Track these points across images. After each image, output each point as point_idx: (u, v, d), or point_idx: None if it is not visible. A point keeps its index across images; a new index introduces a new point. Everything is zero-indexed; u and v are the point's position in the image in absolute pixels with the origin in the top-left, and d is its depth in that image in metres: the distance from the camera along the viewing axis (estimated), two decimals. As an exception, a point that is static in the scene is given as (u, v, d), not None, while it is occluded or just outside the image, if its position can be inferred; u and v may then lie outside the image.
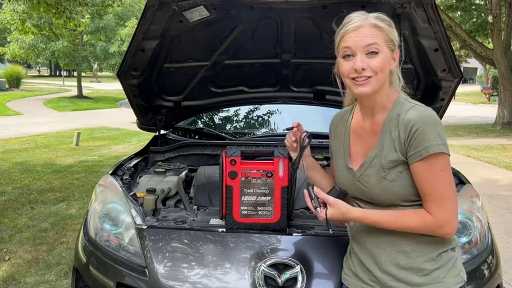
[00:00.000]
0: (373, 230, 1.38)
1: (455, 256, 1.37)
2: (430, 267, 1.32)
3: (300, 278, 1.60)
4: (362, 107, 1.44)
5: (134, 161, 2.62)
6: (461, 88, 29.25)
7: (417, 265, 1.32)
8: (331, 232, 1.37)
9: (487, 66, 25.62)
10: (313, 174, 1.61)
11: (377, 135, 1.37)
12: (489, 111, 17.40)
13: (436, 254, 1.33)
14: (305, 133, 1.52)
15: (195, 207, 2.13)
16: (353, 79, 1.33)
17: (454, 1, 13.55)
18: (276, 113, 3.61)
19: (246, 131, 3.57)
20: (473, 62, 33.71)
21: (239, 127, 3.70)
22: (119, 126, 12.55)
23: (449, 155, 1.28)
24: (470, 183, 2.21)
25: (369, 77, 1.31)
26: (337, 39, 1.38)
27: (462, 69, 2.38)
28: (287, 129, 1.57)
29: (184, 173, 2.50)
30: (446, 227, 1.28)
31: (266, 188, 1.77)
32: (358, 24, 1.32)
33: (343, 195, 1.38)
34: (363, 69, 1.30)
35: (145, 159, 2.76)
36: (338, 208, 1.34)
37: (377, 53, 1.30)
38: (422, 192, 1.30)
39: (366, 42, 1.30)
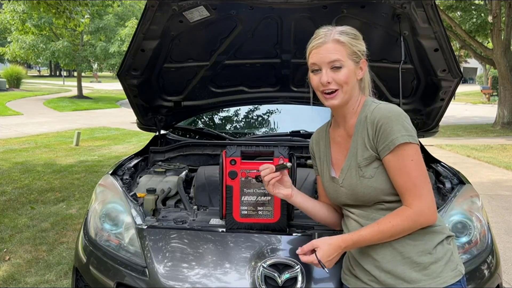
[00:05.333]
0: None
1: (451, 249, 1.39)
2: (426, 261, 1.34)
3: (300, 278, 1.60)
4: (336, 115, 1.52)
5: (134, 161, 2.62)
6: (461, 88, 29.27)
7: (413, 258, 1.34)
8: (327, 271, 1.39)
9: (487, 66, 25.63)
10: (305, 207, 1.61)
11: (352, 139, 1.44)
12: (489, 111, 17.40)
13: (432, 246, 1.35)
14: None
15: (195, 207, 2.13)
16: (323, 92, 1.42)
17: (454, 1, 13.54)
18: (276, 113, 3.61)
19: (246, 131, 3.56)
20: (473, 62, 33.67)
21: (239, 127, 3.69)
22: (119, 126, 12.55)
23: (418, 144, 1.34)
24: (470, 183, 2.21)
25: (336, 90, 1.40)
26: (307, 54, 1.46)
27: (462, 69, 2.38)
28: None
29: (184, 173, 2.50)
30: (426, 213, 1.32)
31: (266, 188, 1.76)
32: (322, 41, 1.40)
33: (283, 166, 1.50)
34: (328, 82, 1.39)
35: (145, 159, 2.76)
36: (322, 241, 1.38)
37: (340, 67, 1.39)
38: (397, 185, 1.34)
39: (329, 58, 1.39)
